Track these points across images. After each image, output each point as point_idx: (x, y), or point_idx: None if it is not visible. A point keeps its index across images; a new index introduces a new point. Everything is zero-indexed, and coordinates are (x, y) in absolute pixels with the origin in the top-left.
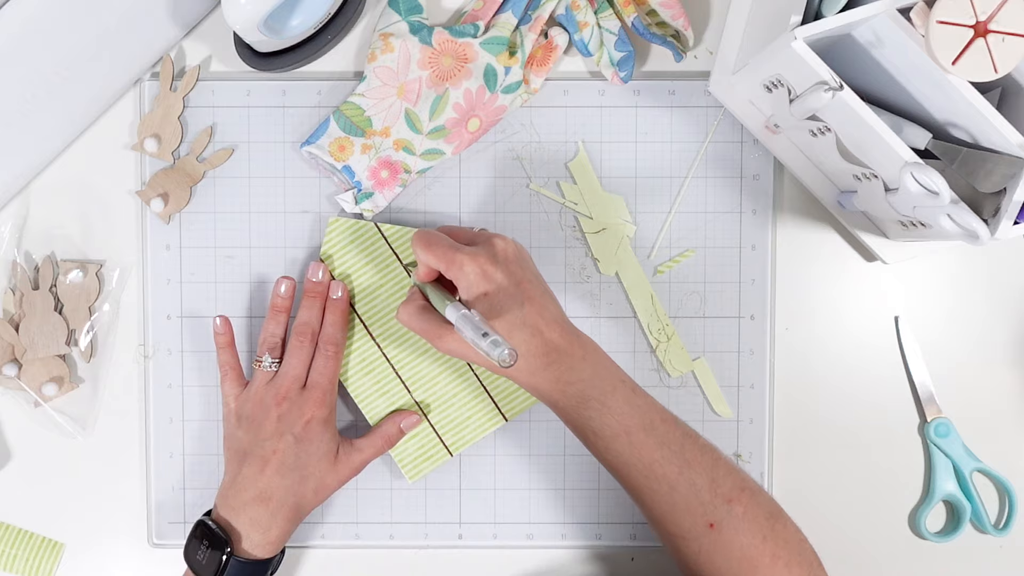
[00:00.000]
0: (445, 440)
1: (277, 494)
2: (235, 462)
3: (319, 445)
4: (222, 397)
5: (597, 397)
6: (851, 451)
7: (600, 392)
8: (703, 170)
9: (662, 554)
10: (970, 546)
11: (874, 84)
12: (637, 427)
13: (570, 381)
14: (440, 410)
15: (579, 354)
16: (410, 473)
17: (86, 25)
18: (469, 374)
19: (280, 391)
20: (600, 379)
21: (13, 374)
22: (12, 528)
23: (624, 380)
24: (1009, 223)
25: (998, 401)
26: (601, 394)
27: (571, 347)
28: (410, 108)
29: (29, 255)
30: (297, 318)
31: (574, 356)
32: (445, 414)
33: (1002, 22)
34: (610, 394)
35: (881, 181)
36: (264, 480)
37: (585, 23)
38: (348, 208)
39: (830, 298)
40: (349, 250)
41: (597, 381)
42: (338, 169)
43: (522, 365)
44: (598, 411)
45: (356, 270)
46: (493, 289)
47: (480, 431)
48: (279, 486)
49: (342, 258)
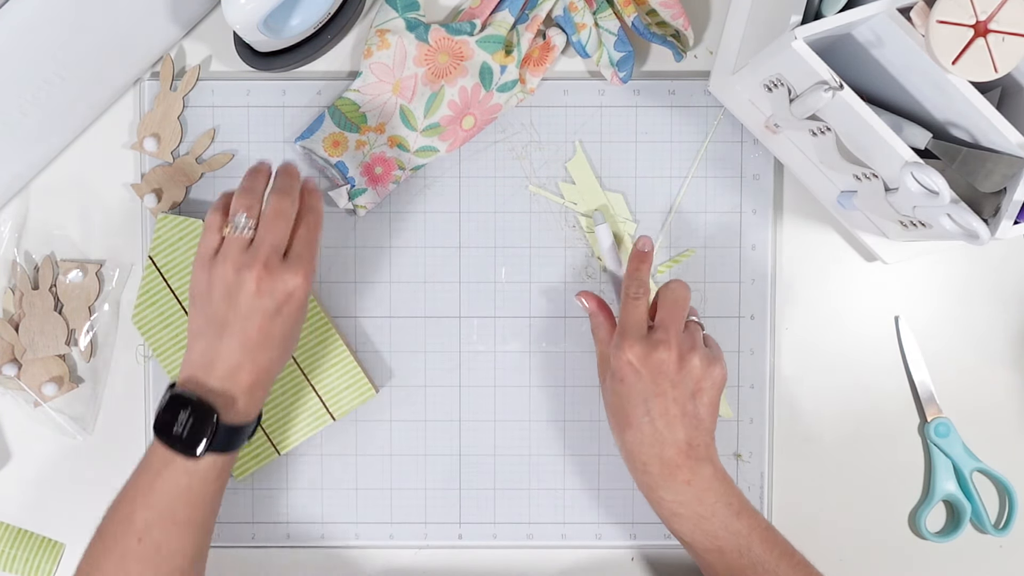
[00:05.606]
0: (273, 439)
1: (262, 366)
2: (212, 333)
3: (300, 318)
4: (202, 235)
5: (690, 517)
6: (851, 451)
7: (695, 514)
8: (703, 170)
9: (662, 554)
10: (970, 546)
11: (874, 84)
12: (731, 549)
13: (665, 499)
14: (268, 408)
15: (683, 477)
16: (238, 471)
17: (86, 25)
18: (297, 373)
19: (259, 258)
20: (699, 503)
21: (13, 374)
22: (12, 528)
23: (730, 503)
24: (1009, 223)
25: (998, 401)
26: (695, 516)
27: (679, 470)
28: (405, 105)
29: (29, 255)
30: (274, 186)
31: (677, 480)
32: (273, 413)
33: (1002, 22)
34: (707, 519)
35: (881, 181)
36: (249, 354)
37: (583, 24)
38: (341, 204)
39: (830, 298)
40: (177, 247)
41: (694, 505)
42: (332, 164)
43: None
44: (689, 529)
45: (185, 267)
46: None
47: (308, 430)
48: (265, 359)
49: (171, 255)
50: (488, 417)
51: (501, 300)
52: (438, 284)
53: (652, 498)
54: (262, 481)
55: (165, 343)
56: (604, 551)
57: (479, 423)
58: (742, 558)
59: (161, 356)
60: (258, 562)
